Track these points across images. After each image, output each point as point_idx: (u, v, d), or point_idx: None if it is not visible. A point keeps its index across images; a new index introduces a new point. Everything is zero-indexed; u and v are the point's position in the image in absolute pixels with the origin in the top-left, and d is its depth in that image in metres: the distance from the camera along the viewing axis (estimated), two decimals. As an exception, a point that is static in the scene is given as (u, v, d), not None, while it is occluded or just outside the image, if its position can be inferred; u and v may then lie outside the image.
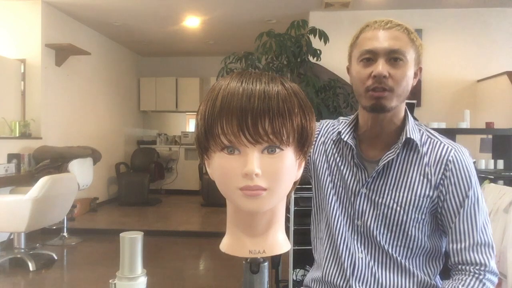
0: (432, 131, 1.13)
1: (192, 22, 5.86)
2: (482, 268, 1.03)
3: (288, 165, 0.59)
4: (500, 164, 3.66)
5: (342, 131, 1.15)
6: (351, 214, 1.12)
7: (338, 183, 1.15)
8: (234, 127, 0.56)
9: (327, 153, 1.19)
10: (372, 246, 1.10)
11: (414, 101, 4.59)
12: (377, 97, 1.03)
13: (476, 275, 1.03)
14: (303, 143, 0.61)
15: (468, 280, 1.02)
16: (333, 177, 1.16)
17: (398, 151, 1.07)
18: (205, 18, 5.67)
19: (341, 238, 1.13)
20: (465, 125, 3.87)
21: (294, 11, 5.11)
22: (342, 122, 1.20)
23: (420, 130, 1.12)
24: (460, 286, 1.02)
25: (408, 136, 1.07)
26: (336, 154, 1.17)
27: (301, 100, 0.59)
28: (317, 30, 3.93)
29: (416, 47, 1.06)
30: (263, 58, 4.01)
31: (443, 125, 3.80)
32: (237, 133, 0.56)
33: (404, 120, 1.11)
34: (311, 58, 4.02)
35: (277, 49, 3.84)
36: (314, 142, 1.20)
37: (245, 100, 0.56)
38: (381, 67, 1.01)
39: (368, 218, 1.09)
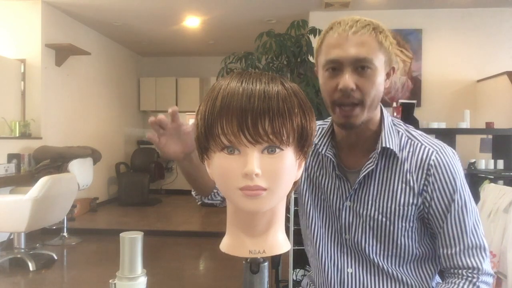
0: (413, 131, 1.07)
1: (192, 22, 5.86)
2: (475, 272, 0.99)
3: (288, 165, 0.59)
4: (500, 164, 3.66)
5: (319, 143, 1.08)
6: (338, 229, 1.07)
7: (322, 197, 1.10)
8: (234, 127, 0.56)
9: (307, 166, 1.12)
10: (362, 259, 1.06)
11: (414, 101, 4.60)
12: (346, 116, 0.97)
13: (470, 279, 0.99)
14: (303, 143, 0.61)
15: (461, 284, 0.99)
16: (316, 190, 1.11)
17: (376, 161, 1.02)
18: (205, 18, 5.67)
19: (326, 256, 1.09)
20: (465, 125, 3.87)
21: (294, 11, 5.11)
22: (319, 128, 1.11)
23: (399, 132, 1.05)
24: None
25: (384, 145, 1.01)
26: (316, 167, 1.12)
27: (301, 100, 0.59)
28: (317, 30, 3.92)
29: (385, 49, 0.98)
30: (263, 58, 4.01)
31: (443, 125, 3.80)
32: (237, 133, 0.56)
33: (381, 124, 1.04)
34: (311, 58, 4.02)
35: (277, 49, 3.83)
36: None
37: (245, 100, 0.56)
38: (347, 78, 0.94)
39: (355, 231, 1.05)
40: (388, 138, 1.02)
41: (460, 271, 1.00)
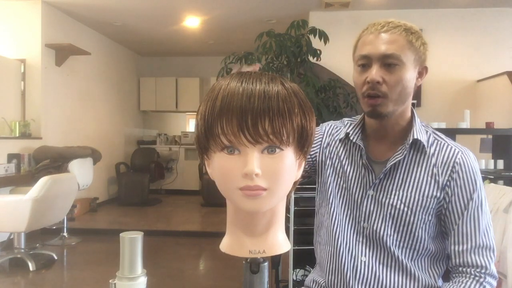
0: (439, 133, 1.14)
1: (192, 22, 5.86)
2: (483, 271, 1.03)
3: (288, 165, 0.59)
4: (500, 164, 3.66)
5: (351, 133, 1.15)
6: (357, 217, 1.11)
7: (343, 185, 1.15)
8: (234, 127, 0.56)
9: (332, 156, 1.19)
10: (377, 248, 1.09)
11: (414, 101, 4.59)
12: (372, 104, 1.04)
13: (477, 278, 1.03)
14: (303, 143, 0.61)
15: (468, 283, 1.02)
16: (338, 179, 1.16)
17: (405, 152, 1.08)
18: (205, 18, 5.67)
19: (342, 242, 1.12)
20: (465, 125, 3.87)
21: (294, 11, 5.11)
22: (347, 123, 1.20)
23: (427, 131, 1.12)
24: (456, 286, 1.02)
25: (415, 137, 1.07)
26: (342, 156, 1.17)
27: (301, 100, 0.59)
28: (317, 30, 3.92)
29: (415, 48, 1.05)
30: (263, 58, 4.01)
31: (443, 125, 3.80)
32: (237, 133, 0.56)
33: (411, 121, 1.12)
34: (311, 58, 4.02)
35: (277, 49, 3.83)
36: (318, 146, 1.21)
37: (245, 100, 0.56)
38: (374, 72, 1.02)
39: (375, 219, 1.09)
40: (419, 132, 1.09)
41: (468, 269, 1.04)
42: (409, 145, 1.08)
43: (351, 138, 1.14)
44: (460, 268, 1.05)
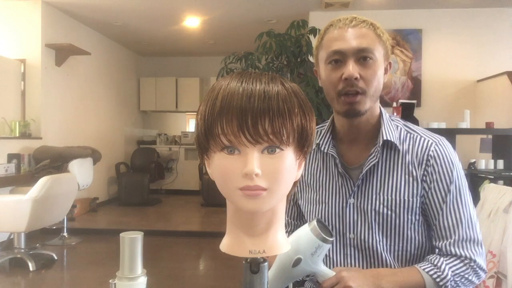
0: (410, 125, 1.10)
1: (192, 22, 5.86)
2: (467, 261, 1.00)
3: (288, 165, 0.59)
4: (500, 164, 3.66)
5: (321, 143, 1.11)
6: (341, 229, 1.07)
7: (318, 199, 1.11)
8: (234, 127, 0.56)
9: (304, 172, 1.14)
10: (368, 258, 1.05)
11: (414, 101, 4.60)
12: (350, 103, 1.00)
13: (462, 259, 1.00)
14: (303, 143, 0.60)
15: (452, 259, 1.00)
16: (314, 195, 1.12)
17: (378, 154, 1.04)
18: (205, 18, 5.67)
19: (329, 261, 1.08)
20: (465, 125, 3.87)
21: (294, 11, 5.11)
22: (317, 132, 1.14)
23: (397, 126, 1.08)
24: (442, 258, 1.00)
25: (385, 138, 1.04)
26: (314, 169, 1.14)
27: (301, 100, 0.59)
28: (317, 30, 3.93)
29: (383, 42, 1.02)
30: (263, 58, 4.01)
31: (443, 125, 3.80)
32: (237, 133, 0.56)
33: (379, 118, 1.08)
34: (311, 58, 4.02)
35: (277, 49, 3.84)
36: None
37: (245, 100, 0.56)
38: (351, 68, 0.98)
39: (361, 228, 1.05)
40: (388, 131, 1.05)
41: (452, 258, 1.01)
42: (381, 147, 1.04)
43: (322, 148, 1.11)
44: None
